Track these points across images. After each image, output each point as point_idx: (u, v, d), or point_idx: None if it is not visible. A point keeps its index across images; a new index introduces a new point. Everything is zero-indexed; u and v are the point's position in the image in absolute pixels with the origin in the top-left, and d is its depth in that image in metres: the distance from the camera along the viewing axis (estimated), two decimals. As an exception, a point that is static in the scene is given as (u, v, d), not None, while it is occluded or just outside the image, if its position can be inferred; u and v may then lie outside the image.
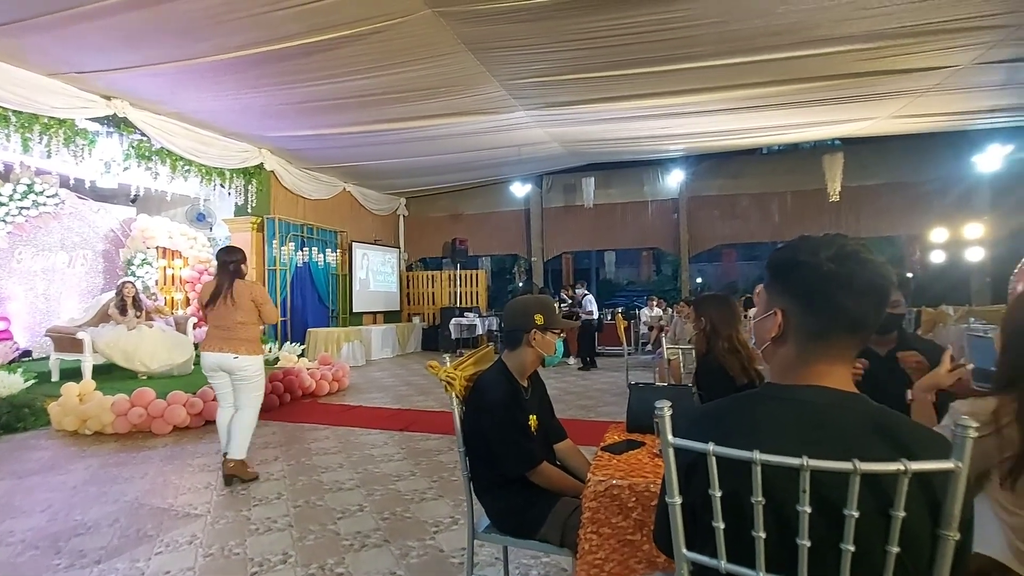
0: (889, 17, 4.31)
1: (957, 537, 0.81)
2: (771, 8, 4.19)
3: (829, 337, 0.89)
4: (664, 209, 12.02)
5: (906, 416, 0.91)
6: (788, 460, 0.82)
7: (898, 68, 5.45)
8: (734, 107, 6.88)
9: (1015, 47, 4.86)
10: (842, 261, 0.87)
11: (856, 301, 0.87)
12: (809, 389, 0.89)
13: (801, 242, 0.93)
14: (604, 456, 1.68)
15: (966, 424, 0.79)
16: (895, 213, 10.94)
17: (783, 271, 0.94)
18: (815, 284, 0.88)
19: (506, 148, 8.51)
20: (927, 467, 0.79)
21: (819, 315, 0.89)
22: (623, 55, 5.15)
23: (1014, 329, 1.18)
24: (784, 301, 0.93)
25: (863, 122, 7.83)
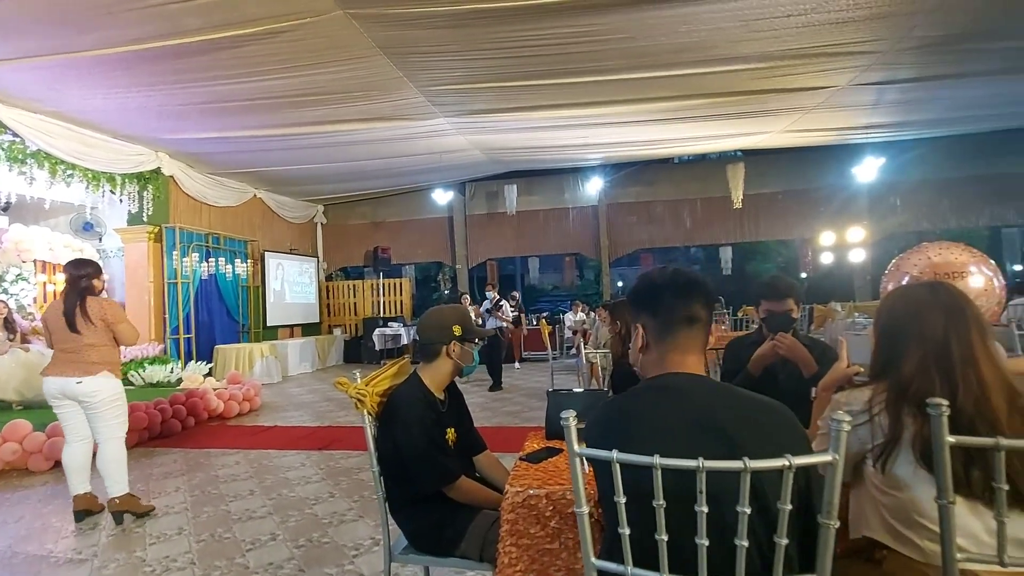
0: (777, 40, 4.70)
1: (837, 525, 0.87)
2: (674, 27, 4.43)
3: (675, 334, 1.14)
4: (585, 215, 12.38)
5: (739, 388, 1.15)
6: (685, 463, 0.85)
7: (787, 87, 5.95)
8: (646, 119, 7.22)
9: (882, 71, 5.46)
10: (671, 276, 1.17)
11: (685, 301, 1.14)
12: (670, 375, 1.13)
13: (643, 274, 1.24)
14: (522, 466, 1.67)
15: (840, 419, 0.85)
16: (790, 218, 11.94)
17: (637, 296, 1.22)
18: (654, 295, 1.18)
19: (427, 155, 8.41)
20: (809, 461, 0.84)
21: (662, 317, 1.15)
22: (539, 65, 5.25)
23: (882, 325, 1.30)
24: (641, 318, 1.20)
25: (759, 135, 8.49)
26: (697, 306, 1.16)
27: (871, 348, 1.31)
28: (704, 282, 1.18)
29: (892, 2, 4.11)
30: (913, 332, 1.21)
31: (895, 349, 1.23)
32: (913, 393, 1.15)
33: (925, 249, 1.83)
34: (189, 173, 8.37)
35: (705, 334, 1.18)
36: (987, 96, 6.50)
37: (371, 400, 1.71)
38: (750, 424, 1.02)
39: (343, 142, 7.45)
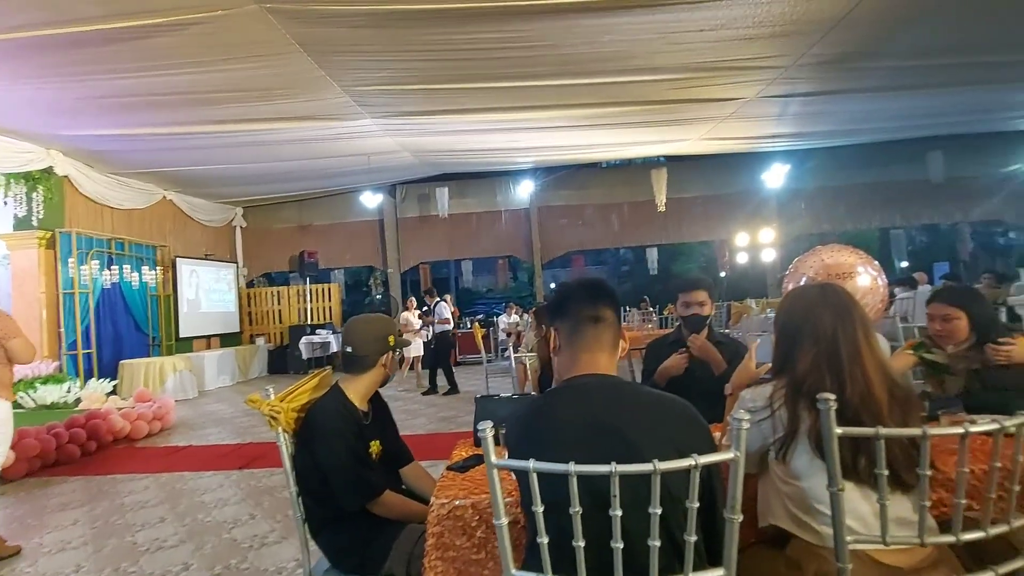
0: (692, 53, 4.95)
1: (740, 519, 0.92)
2: (597, 37, 4.56)
3: (582, 333, 1.20)
4: (517, 218, 12.50)
5: (644, 388, 1.30)
6: (598, 468, 0.86)
7: (702, 98, 6.29)
8: (573, 124, 7.39)
9: (785, 84, 5.90)
10: (578, 282, 1.26)
11: (590, 302, 1.21)
12: (580, 377, 1.18)
13: (558, 286, 1.26)
14: (449, 475, 1.64)
15: (740, 418, 0.89)
16: (709, 221, 12.64)
17: (549, 307, 1.32)
18: (562, 300, 1.26)
19: (354, 156, 8.17)
20: (712, 459, 0.88)
21: (569, 318, 1.22)
22: (467, 69, 5.24)
23: (780, 325, 1.39)
24: (553, 322, 1.26)
25: (680, 142, 8.93)
26: (602, 307, 1.22)
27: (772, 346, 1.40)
28: (607, 285, 1.27)
29: (792, 23, 4.44)
30: (806, 331, 1.30)
31: (791, 347, 1.32)
32: (807, 388, 1.23)
33: (819, 252, 1.99)
34: (87, 173, 7.65)
35: (613, 333, 1.23)
36: (874, 111, 7.18)
37: (286, 417, 1.63)
38: (648, 423, 1.07)
39: (263, 141, 7.09)
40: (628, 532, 0.91)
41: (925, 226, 16.36)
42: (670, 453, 0.93)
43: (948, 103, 7.05)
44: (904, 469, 1.15)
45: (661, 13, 4.16)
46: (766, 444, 1.31)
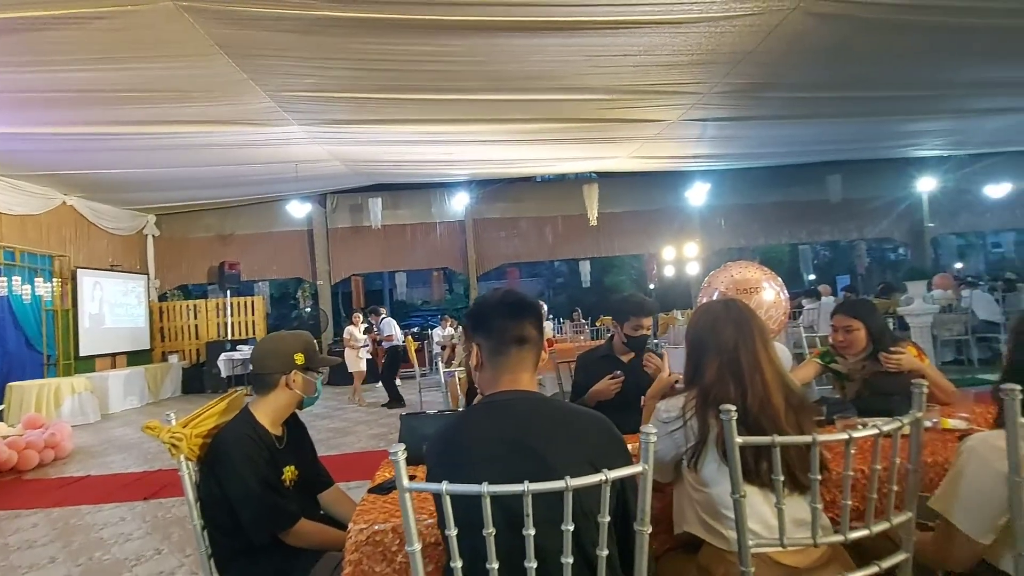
0: (617, 76, 5.17)
1: (650, 530, 0.95)
2: (526, 56, 4.66)
3: (507, 352, 1.19)
4: (452, 230, 12.46)
5: (562, 404, 1.28)
6: (512, 488, 0.86)
7: (629, 118, 6.57)
8: (506, 139, 7.49)
9: (702, 109, 6.28)
10: (503, 299, 1.23)
11: (516, 322, 1.20)
12: (501, 393, 1.18)
13: (479, 298, 1.29)
14: (369, 499, 1.59)
15: (648, 432, 0.93)
16: (639, 235, 13.16)
17: (471, 320, 1.28)
18: (486, 317, 1.23)
19: (281, 164, 7.85)
20: (622, 473, 0.91)
21: (494, 337, 1.20)
22: (399, 80, 5.18)
23: (690, 338, 1.46)
24: (477, 338, 1.24)
25: (610, 159, 9.26)
26: (528, 327, 1.21)
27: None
28: (533, 304, 1.25)
29: (707, 52, 4.74)
30: (711, 344, 1.38)
31: (699, 359, 1.39)
32: (714, 398, 1.30)
33: (730, 268, 2.13)
34: (-32, 174, 6.88)
35: (536, 352, 1.24)
36: (779, 136, 7.79)
37: (189, 443, 1.51)
38: (565, 440, 1.08)
39: (178, 145, 6.66)
40: (544, 550, 0.92)
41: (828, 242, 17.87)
42: (585, 469, 0.95)
43: (842, 132, 7.77)
44: (801, 472, 1.23)
45: (586, 36, 4.32)
46: (679, 453, 1.37)
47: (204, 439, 1.58)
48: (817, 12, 4.08)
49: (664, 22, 4.23)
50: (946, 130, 8.19)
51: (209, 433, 1.59)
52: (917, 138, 8.79)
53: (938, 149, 10.18)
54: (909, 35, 4.47)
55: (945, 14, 4.06)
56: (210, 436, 1.59)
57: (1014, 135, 8.68)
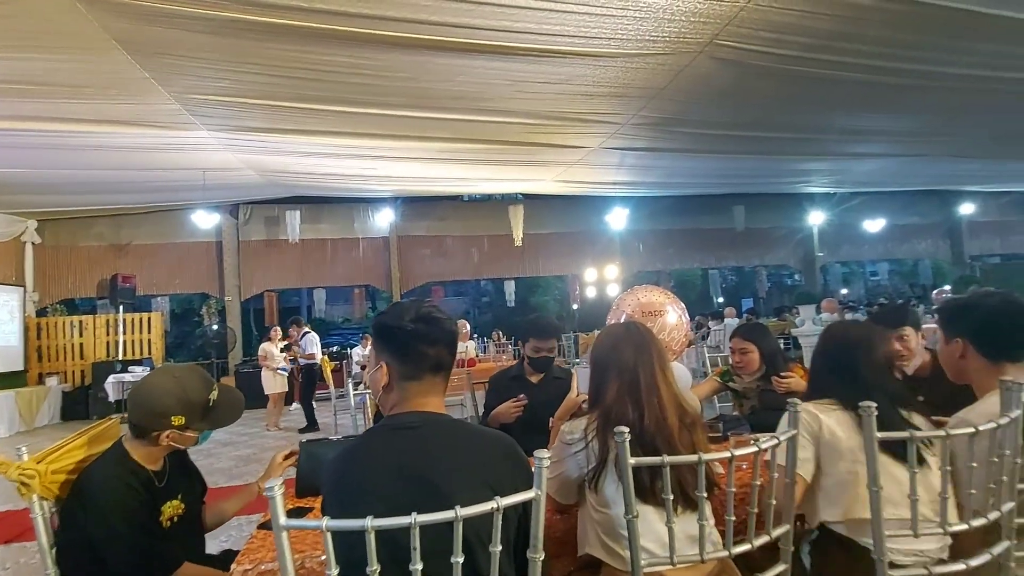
0: (541, 101, 5.33)
1: (543, 557, 0.94)
2: (451, 76, 4.70)
3: (420, 378, 1.15)
4: (376, 246, 12.17)
5: (468, 426, 1.24)
6: (398, 521, 0.82)
7: (553, 143, 6.78)
8: (432, 157, 7.46)
9: (621, 139, 6.60)
10: (421, 321, 1.14)
11: (435, 348, 1.14)
12: (406, 415, 1.13)
13: (391, 310, 1.19)
14: (259, 536, 1.46)
15: (541, 457, 0.92)
16: (563, 256, 13.52)
17: (381, 334, 1.19)
18: (403, 341, 1.14)
19: (186, 171, 7.34)
20: (514, 500, 0.89)
21: (410, 363, 1.15)
22: (320, 90, 5.03)
23: (593, 359, 1.50)
24: (386, 357, 1.17)
25: (535, 182, 9.48)
26: (444, 352, 1.17)
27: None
28: (451, 328, 1.20)
29: (624, 86, 5.01)
30: (612, 365, 1.42)
31: (602, 380, 1.42)
32: (614, 419, 1.33)
33: (636, 292, 2.23)
34: None
35: (448, 375, 1.21)
36: (689, 168, 8.35)
37: (45, 481, 1.33)
38: (466, 464, 1.06)
39: (67, 145, 6.05)
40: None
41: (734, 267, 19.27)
42: (486, 495, 0.93)
43: (743, 167, 8.45)
44: (694, 489, 1.28)
45: (509, 61, 4.42)
46: (583, 475, 1.38)
47: (68, 475, 1.39)
48: (719, 57, 4.43)
49: (584, 54, 4.42)
50: (828, 170, 9.15)
51: (76, 468, 1.41)
52: (806, 176, 9.74)
53: (824, 187, 11.34)
54: (793, 83, 4.98)
55: (818, 66, 4.58)
56: (76, 472, 1.41)
57: (882, 177, 9.87)
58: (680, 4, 3.83)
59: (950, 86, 5.12)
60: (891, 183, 11.27)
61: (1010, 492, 1.29)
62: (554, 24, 3.93)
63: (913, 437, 1.18)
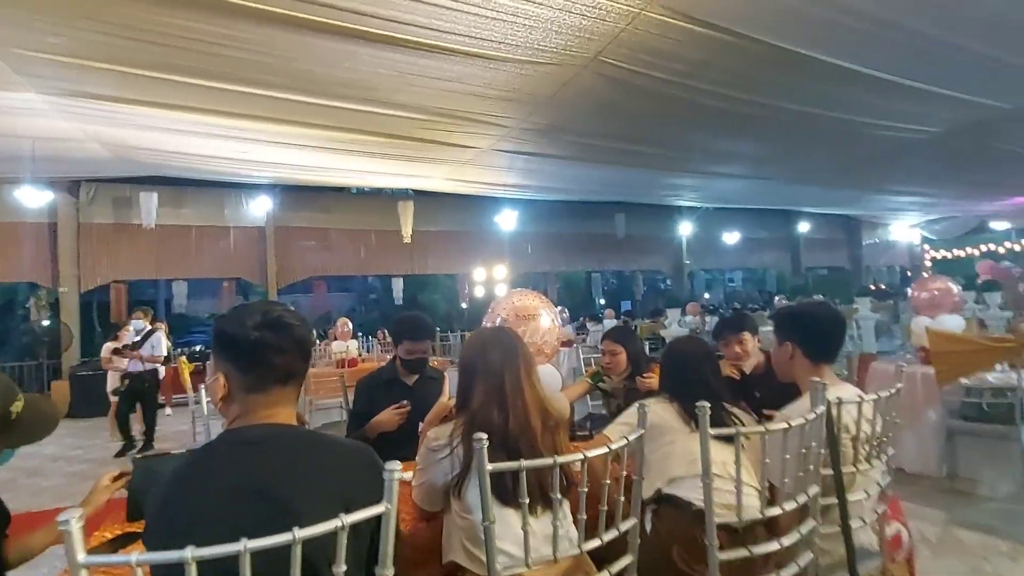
0: (431, 97, 5.25)
1: (392, 573, 0.91)
2: (337, 61, 4.46)
3: (267, 390, 1.05)
4: (250, 236, 11.23)
5: (323, 436, 1.12)
6: (226, 549, 0.74)
7: (444, 141, 6.71)
8: (316, 145, 7.04)
9: (512, 142, 6.72)
10: (268, 328, 1.04)
11: (283, 358, 1.04)
12: (249, 428, 1.03)
13: (232, 314, 1.08)
14: (69, 570, 1.26)
15: (393, 470, 0.89)
16: (454, 255, 13.49)
17: (220, 341, 1.08)
18: (246, 350, 1.03)
19: (9, 138, 6.21)
20: (361, 516, 0.85)
21: (254, 374, 1.04)
22: (181, 59, 4.51)
23: (461, 363, 1.50)
24: (225, 367, 1.06)
25: (426, 179, 9.33)
26: (296, 360, 1.07)
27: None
28: (303, 336, 1.09)
29: (514, 91, 5.10)
30: (479, 369, 1.43)
31: (469, 384, 1.43)
32: (479, 423, 1.34)
33: (512, 296, 2.28)
34: None
35: (300, 383, 1.12)
36: (575, 175, 8.74)
37: None
38: (318, 479, 0.99)
39: None
40: None
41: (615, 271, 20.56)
42: (337, 511, 0.87)
43: (623, 178, 9.03)
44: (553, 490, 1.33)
45: (398, 53, 4.30)
46: (448, 481, 1.37)
47: None
48: (602, 73, 4.68)
49: (475, 55, 4.42)
50: (695, 186, 10.09)
51: None
52: (677, 190, 10.65)
53: (692, 201, 12.47)
54: (665, 104, 5.41)
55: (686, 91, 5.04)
56: None
57: (739, 196, 11.12)
58: (567, 19, 3.98)
59: (787, 120, 5.90)
60: (746, 201, 12.72)
61: (815, 477, 1.49)
62: (444, 21, 3.89)
63: (738, 431, 1.33)
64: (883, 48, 4.43)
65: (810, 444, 1.44)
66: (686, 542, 1.46)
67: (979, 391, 4.04)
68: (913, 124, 6.33)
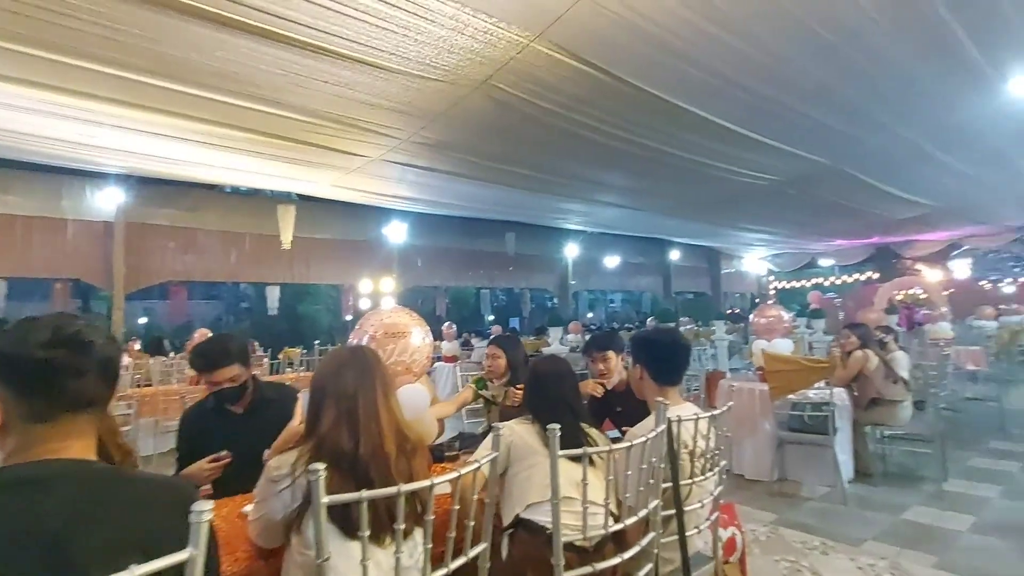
0: (319, 101, 5.02)
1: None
2: (209, 48, 4.11)
3: (55, 419, 0.90)
4: (94, 232, 9.84)
5: (127, 473, 1.02)
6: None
7: (330, 146, 6.43)
8: (181, 136, 6.39)
9: (403, 154, 6.62)
10: (60, 346, 0.89)
11: (80, 382, 0.90)
12: (31, 465, 0.87)
13: (12, 331, 0.92)
14: None
15: (201, 510, 0.80)
16: (338, 264, 12.89)
17: None
18: (29, 372, 0.88)
19: None
20: (157, 566, 0.75)
21: (39, 400, 0.89)
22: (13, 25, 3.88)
23: (312, 385, 1.41)
24: (1, 392, 0.90)
25: (310, 183, 8.85)
26: (98, 385, 0.93)
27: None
28: (107, 354, 0.94)
29: (406, 104, 5.06)
30: (331, 390, 1.36)
31: (319, 406, 1.35)
32: (328, 449, 1.27)
33: (380, 313, 2.21)
34: None
35: (102, 411, 0.97)
36: (467, 192, 8.80)
37: None
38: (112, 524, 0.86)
39: None
40: None
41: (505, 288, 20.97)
42: (132, 560, 0.76)
43: (512, 198, 9.26)
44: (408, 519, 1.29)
45: (281, 50, 4.08)
46: (288, 515, 1.28)
47: None
48: (493, 96, 4.81)
49: (364, 62, 4.32)
50: (580, 211, 10.66)
51: None
52: (564, 213, 11.17)
53: (578, 225, 13.14)
54: (551, 133, 5.70)
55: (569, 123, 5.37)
56: None
57: (619, 223, 11.95)
58: (459, 40, 4.04)
59: (653, 157, 6.51)
60: (625, 228, 13.69)
61: (656, 492, 1.61)
62: (331, 23, 3.76)
63: (585, 452, 1.40)
64: (728, 101, 5.08)
65: (651, 460, 1.56)
66: (539, 566, 1.49)
67: (803, 405, 4.66)
68: (756, 171, 7.28)
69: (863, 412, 4.91)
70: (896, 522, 3.92)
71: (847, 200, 9.56)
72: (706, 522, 1.92)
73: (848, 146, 6.67)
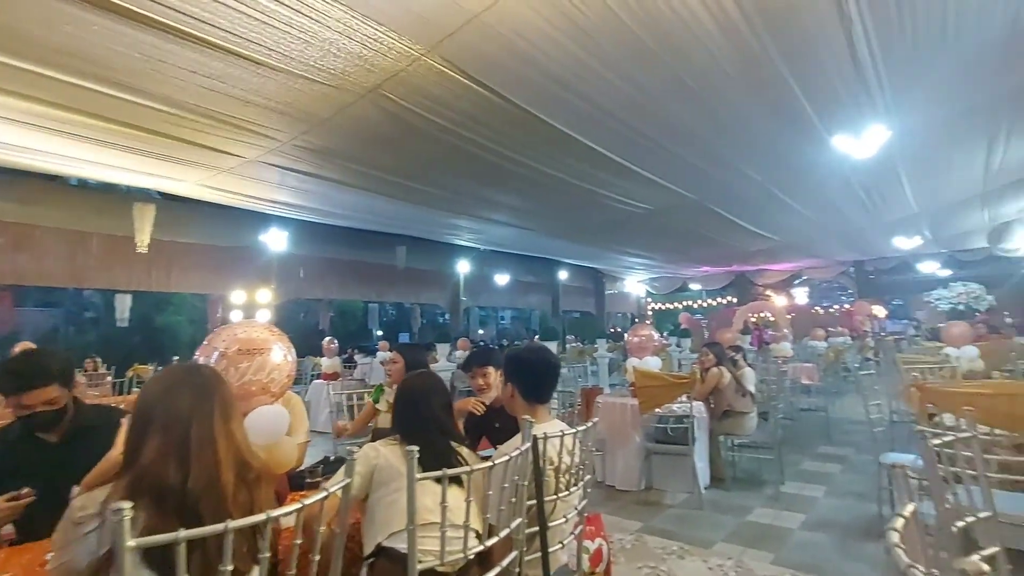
0: (183, 91, 4.56)
1: None
2: (56, 22, 3.57)
3: None
4: None
5: None
6: None
7: (198, 142, 5.87)
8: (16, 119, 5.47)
9: (283, 157, 6.23)
10: None
11: None
12: None
13: None
14: None
15: None
16: (206, 272, 11.71)
17: None
18: None
19: None
20: None
21: None
22: None
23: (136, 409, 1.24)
24: None
25: (173, 181, 7.98)
26: None
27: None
28: None
29: (286, 104, 4.77)
30: (159, 415, 1.20)
31: (142, 434, 1.18)
32: (150, 483, 1.12)
33: (235, 327, 2.02)
34: None
35: None
36: (354, 202, 8.48)
37: None
38: None
39: None
40: None
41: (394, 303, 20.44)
42: None
43: (401, 211, 9.09)
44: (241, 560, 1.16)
45: (140, 32, 3.67)
46: (95, 564, 1.10)
47: None
48: (382, 106, 4.71)
49: (241, 56, 4.02)
50: (471, 228, 10.75)
51: None
52: (455, 229, 11.19)
53: (470, 241, 13.23)
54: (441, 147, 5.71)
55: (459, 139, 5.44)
56: None
57: (509, 241, 12.23)
58: (347, 44, 3.91)
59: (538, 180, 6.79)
60: (516, 246, 14.04)
61: (519, 510, 1.62)
62: (203, 9, 3.46)
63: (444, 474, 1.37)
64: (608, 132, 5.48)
65: (514, 478, 1.57)
66: (397, 596, 1.43)
67: (667, 418, 5.04)
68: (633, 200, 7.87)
69: (718, 423, 5.42)
70: (742, 524, 4.34)
71: (709, 231, 10.68)
72: (570, 536, 1.97)
73: (709, 183, 7.46)
